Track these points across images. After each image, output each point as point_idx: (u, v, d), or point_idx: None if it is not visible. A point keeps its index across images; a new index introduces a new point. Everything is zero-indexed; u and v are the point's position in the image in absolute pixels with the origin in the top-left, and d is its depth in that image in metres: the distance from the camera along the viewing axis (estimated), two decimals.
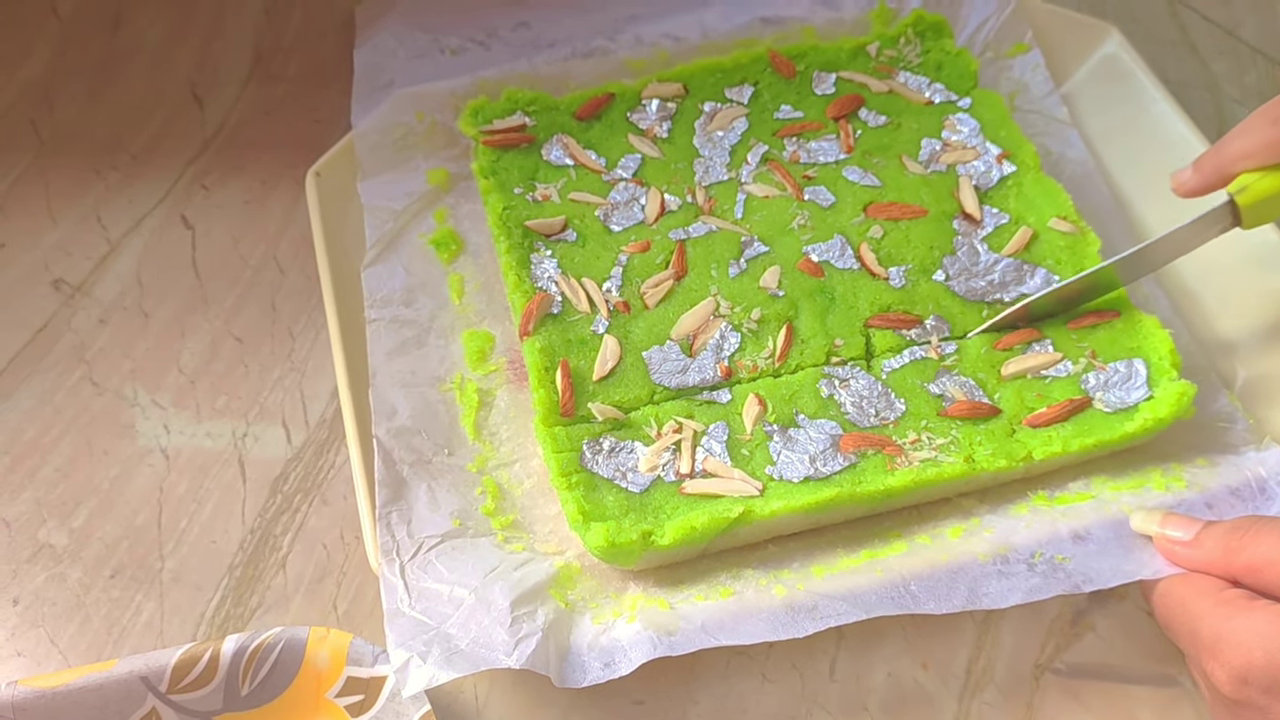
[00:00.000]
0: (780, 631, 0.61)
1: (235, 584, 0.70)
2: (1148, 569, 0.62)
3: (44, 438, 0.76)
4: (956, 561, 0.63)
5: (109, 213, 0.87)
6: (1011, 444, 0.67)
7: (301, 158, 0.82)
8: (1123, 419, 0.67)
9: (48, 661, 0.67)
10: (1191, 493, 0.66)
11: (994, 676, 0.65)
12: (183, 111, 0.93)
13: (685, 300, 0.73)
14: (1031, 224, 0.75)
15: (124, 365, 0.79)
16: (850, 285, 0.73)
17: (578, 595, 0.65)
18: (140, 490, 0.73)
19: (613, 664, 0.60)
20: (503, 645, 0.60)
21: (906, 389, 0.69)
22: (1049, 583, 0.62)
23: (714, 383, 0.70)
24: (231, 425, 0.76)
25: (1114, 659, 0.65)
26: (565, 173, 0.79)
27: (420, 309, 0.76)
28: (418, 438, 0.70)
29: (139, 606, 0.69)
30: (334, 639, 0.62)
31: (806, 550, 0.66)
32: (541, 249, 0.75)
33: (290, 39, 0.97)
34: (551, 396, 0.68)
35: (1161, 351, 0.69)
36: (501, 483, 0.69)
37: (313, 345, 0.79)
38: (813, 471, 0.66)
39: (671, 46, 0.87)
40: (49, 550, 0.71)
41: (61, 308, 0.82)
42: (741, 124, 0.81)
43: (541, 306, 0.71)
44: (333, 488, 0.73)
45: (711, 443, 0.67)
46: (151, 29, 0.97)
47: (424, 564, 0.64)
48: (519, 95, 0.82)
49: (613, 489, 0.66)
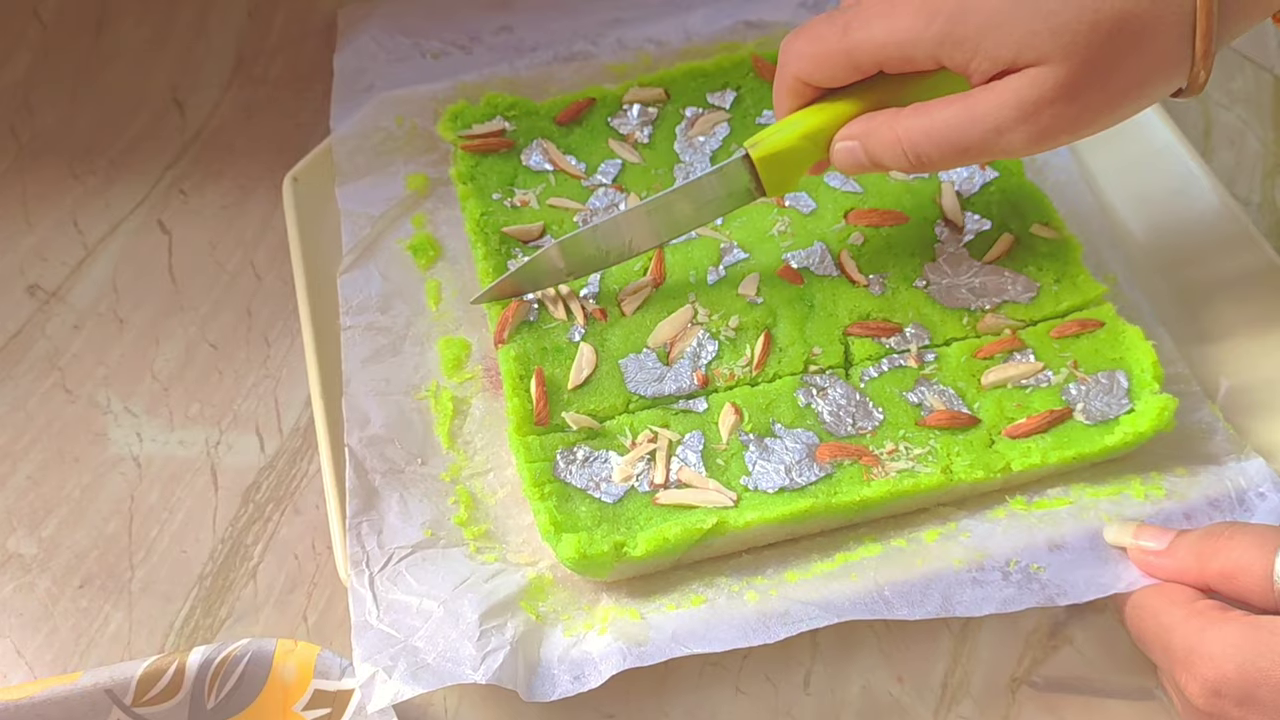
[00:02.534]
0: (752, 638, 0.60)
1: (205, 594, 0.69)
2: (1122, 582, 0.61)
3: (15, 445, 0.75)
4: (931, 568, 0.63)
5: (86, 217, 0.86)
6: (990, 455, 0.66)
7: (281, 162, 0.81)
8: (1103, 432, 0.66)
9: (14, 673, 0.66)
10: (1170, 502, 0.65)
11: (970, 689, 0.64)
12: (163, 115, 0.92)
13: (663, 308, 0.72)
14: (1013, 230, 0.74)
15: (97, 372, 0.78)
16: (830, 293, 0.72)
17: (549, 607, 0.64)
18: (111, 499, 0.73)
19: (582, 676, 0.60)
20: (469, 659, 0.59)
21: (885, 398, 0.69)
22: (1023, 594, 0.61)
23: (690, 391, 0.69)
24: (205, 433, 0.75)
25: (1091, 672, 0.64)
26: (544, 178, 0.78)
27: (396, 316, 0.75)
28: (390, 447, 0.69)
29: (107, 617, 0.68)
30: (301, 651, 0.61)
31: (781, 557, 0.66)
32: (519, 255, 0.74)
33: (273, 42, 0.96)
34: (525, 405, 0.68)
35: (1144, 363, 0.68)
36: (475, 492, 0.69)
37: (288, 352, 0.79)
38: (788, 482, 0.65)
39: (654, 51, 0.87)
40: (17, 559, 0.70)
41: (36, 313, 0.81)
42: (723, 129, 0.80)
43: (517, 314, 0.71)
44: (305, 497, 0.72)
45: (687, 452, 0.67)
46: (134, 32, 0.97)
47: (394, 575, 0.63)
48: (499, 100, 0.81)
49: (586, 499, 0.65)
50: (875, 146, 0.61)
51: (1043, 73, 0.56)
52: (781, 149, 0.64)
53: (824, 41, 0.62)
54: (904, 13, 0.58)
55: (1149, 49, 0.56)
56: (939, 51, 0.58)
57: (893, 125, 0.60)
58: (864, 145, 0.62)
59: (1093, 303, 0.72)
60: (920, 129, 0.59)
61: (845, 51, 0.61)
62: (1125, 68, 0.56)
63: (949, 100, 0.59)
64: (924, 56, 0.59)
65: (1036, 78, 0.56)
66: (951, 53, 0.58)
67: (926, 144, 0.60)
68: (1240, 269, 0.74)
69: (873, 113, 0.62)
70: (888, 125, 0.61)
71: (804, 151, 0.64)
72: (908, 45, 0.59)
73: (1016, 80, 0.57)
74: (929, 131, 0.59)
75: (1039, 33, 0.55)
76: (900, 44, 0.59)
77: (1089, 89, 0.57)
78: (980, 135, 0.58)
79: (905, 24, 0.58)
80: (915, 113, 0.60)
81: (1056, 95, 0.56)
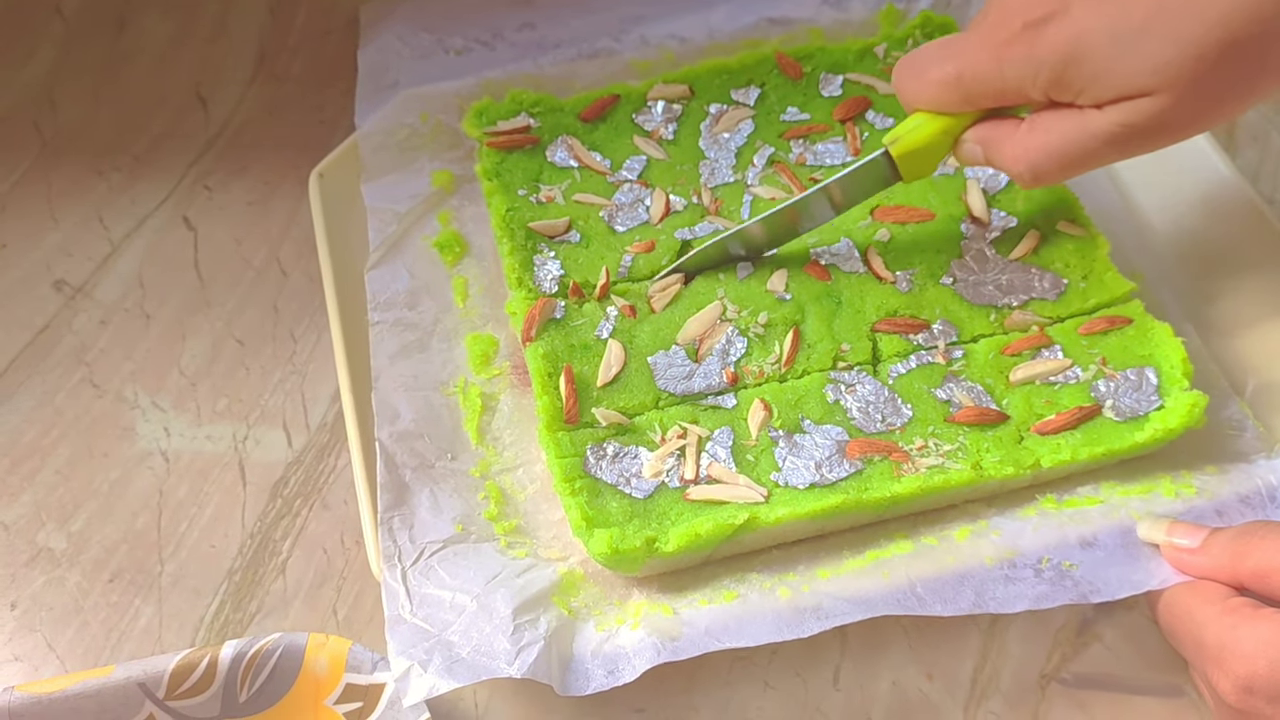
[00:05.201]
0: (784, 632, 0.60)
1: (234, 589, 0.69)
2: (1155, 579, 0.61)
3: (44, 440, 0.75)
4: (963, 565, 0.63)
5: (111, 213, 0.86)
6: (1019, 451, 0.66)
7: (305, 158, 0.81)
8: (1132, 428, 0.66)
9: (45, 666, 0.67)
10: (1201, 500, 0.65)
11: (999, 686, 0.64)
12: (186, 112, 0.92)
13: (692, 304, 0.72)
14: (1040, 227, 0.74)
15: (125, 367, 0.78)
16: (857, 289, 0.72)
17: (581, 602, 0.64)
18: (140, 493, 0.73)
19: (616, 671, 0.60)
20: (504, 654, 0.59)
21: (913, 394, 0.69)
22: (1056, 590, 0.61)
23: (719, 388, 0.69)
24: (232, 428, 0.75)
25: (1120, 669, 0.64)
26: (570, 174, 0.78)
27: (424, 312, 0.75)
28: (420, 442, 0.69)
29: (137, 611, 0.68)
30: (333, 645, 0.62)
31: (811, 553, 0.66)
32: (545, 250, 0.74)
33: (295, 39, 0.96)
34: (555, 403, 0.68)
35: (1173, 360, 0.68)
36: (505, 488, 0.69)
37: (314, 348, 0.79)
38: (818, 478, 0.65)
39: (677, 47, 0.87)
40: (47, 554, 0.71)
41: (62, 309, 0.81)
42: (747, 126, 0.80)
43: (544, 312, 0.71)
44: (333, 492, 0.73)
45: (716, 448, 0.67)
46: (156, 29, 0.97)
47: (426, 570, 0.64)
48: (523, 96, 0.81)
49: (616, 495, 0.65)
50: (996, 156, 0.66)
51: (1153, 101, 0.58)
52: (919, 147, 0.68)
53: (942, 88, 0.66)
54: (1013, 61, 0.62)
55: (1256, 64, 0.58)
56: (1050, 92, 0.62)
57: (1014, 140, 0.64)
58: (986, 151, 0.66)
59: (1120, 300, 0.72)
60: (1039, 147, 0.63)
61: (963, 100, 0.65)
62: (1234, 86, 0.58)
63: (1061, 117, 0.62)
64: (1038, 97, 0.63)
65: (1145, 106, 0.59)
66: (1060, 94, 0.62)
67: (1046, 161, 0.63)
68: (1265, 266, 0.74)
69: (997, 121, 0.66)
70: (1010, 139, 0.65)
71: (939, 147, 0.68)
72: (1015, 95, 0.63)
73: (1129, 105, 0.59)
74: (1047, 149, 0.63)
75: (1142, 72, 0.58)
76: (1015, 91, 0.63)
77: (1197, 110, 0.59)
78: (1095, 150, 0.62)
79: (1015, 72, 0.62)
80: (1032, 129, 0.63)
81: (1166, 119, 0.59)
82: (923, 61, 0.66)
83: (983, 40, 0.63)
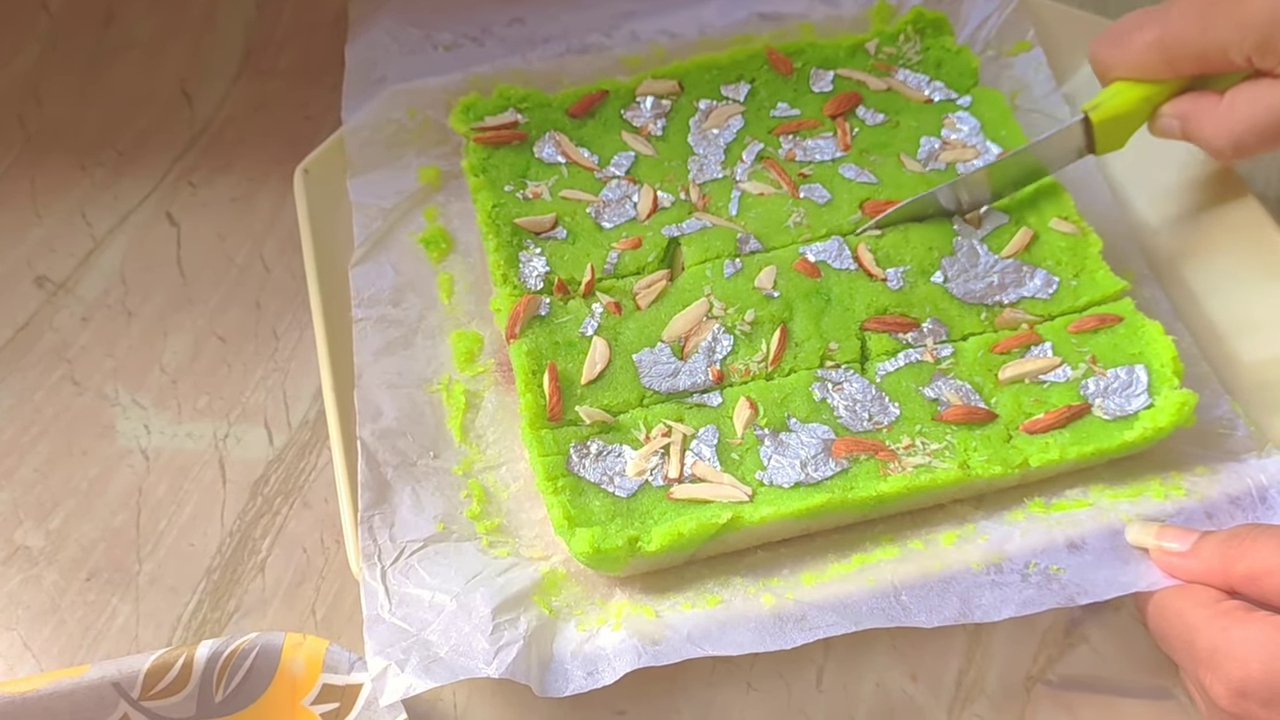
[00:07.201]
0: (768, 643, 0.59)
1: (213, 588, 0.68)
2: (1143, 581, 0.60)
3: (23, 437, 0.75)
4: (949, 570, 0.62)
5: (94, 209, 0.85)
6: (1007, 450, 0.65)
7: (290, 154, 0.80)
8: (1122, 427, 0.66)
9: (20, 665, 0.66)
10: (1191, 501, 0.64)
11: (985, 688, 0.63)
12: (172, 107, 0.91)
13: (678, 301, 0.71)
14: (1032, 224, 0.74)
15: (105, 364, 0.78)
16: (847, 286, 0.72)
17: (562, 602, 0.63)
18: (119, 491, 0.72)
19: (596, 673, 0.59)
20: (483, 653, 0.58)
21: (901, 393, 0.68)
22: (1043, 594, 0.60)
23: (705, 386, 0.68)
24: (213, 426, 0.75)
25: (1107, 671, 0.64)
26: (557, 170, 0.78)
27: (408, 309, 0.74)
28: (403, 440, 0.68)
29: (115, 610, 0.68)
30: (310, 645, 0.61)
31: (796, 556, 0.65)
32: (531, 247, 0.74)
33: (282, 34, 0.96)
34: (539, 400, 0.67)
35: (1164, 358, 0.67)
36: (487, 486, 0.68)
37: (296, 345, 0.78)
38: (804, 477, 0.64)
39: (668, 43, 0.86)
40: (25, 552, 0.70)
41: (44, 305, 0.80)
42: (737, 122, 0.80)
43: (529, 309, 0.70)
44: (314, 490, 0.72)
45: (701, 447, 0.66)
46: (143, 24, 0.96)
47: (406, 569, 0.63)
48: (511, 92, 0.80)
49: (599, 493, 0.64)
50: (1195, 130, 0.69)
51: None
52: (1119, 114, 0.70)
53: (1144, 51, 0.69)
54: (1217, 24, 0.65)
55: None
56: (1254, 56, 0.65)
57: (1215, 114, 0.67)
58: (1184, 125, 0.69)
59: (1112, 298, 0.71)
60: (1244, 119, 0.66)
61: (1165, 63, 0.68)
62: None
63: (1264, 89, 0.66)
64: (1240, 62, 0.66)
65: None
66: (1264, 59, 0.65)
67: (1248, 135, 0.66)
68: (1259, 265, 0.73)
69: (1195, 94, 0.69)
70: (1210, 113, 0.68)
71: (1137, 115, 0.71)
72: (1218, 58, 0.66)
73: None
74: (1252, 120, 0.66)
75: None
76: (1217, 55, 0.66)
77: None
78: None
79: (1219, 36, 0.65)
80: (1234, 102, 0.66)
81: None
82: (1124, 27, 0.69)
83: (1188, 3, 0.65)
